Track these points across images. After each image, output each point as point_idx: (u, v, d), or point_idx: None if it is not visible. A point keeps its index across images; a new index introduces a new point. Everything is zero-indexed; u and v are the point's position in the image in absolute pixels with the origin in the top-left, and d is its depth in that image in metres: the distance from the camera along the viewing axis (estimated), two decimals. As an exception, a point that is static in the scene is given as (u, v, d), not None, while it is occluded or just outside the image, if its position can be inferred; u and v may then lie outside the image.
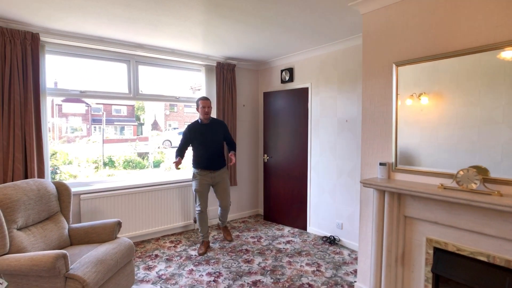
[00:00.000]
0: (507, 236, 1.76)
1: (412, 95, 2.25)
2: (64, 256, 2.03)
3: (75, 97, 3.63)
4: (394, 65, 2.34)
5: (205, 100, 3.55)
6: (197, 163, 3.58)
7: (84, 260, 2.22)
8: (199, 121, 3.60)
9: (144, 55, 3.93)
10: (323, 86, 4.00)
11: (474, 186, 1.85)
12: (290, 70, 4.43)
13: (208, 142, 3.54)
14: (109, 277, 2.32)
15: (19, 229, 2.32)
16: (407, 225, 2.29)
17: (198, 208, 3.59)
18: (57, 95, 3.52)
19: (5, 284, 2.06)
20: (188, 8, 2.65)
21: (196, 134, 3.54)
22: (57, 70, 3.58)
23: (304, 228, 4.31)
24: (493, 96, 1.85)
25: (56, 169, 4.40)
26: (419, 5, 2.22)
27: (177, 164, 3.39)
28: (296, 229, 4.36)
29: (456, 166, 2.00)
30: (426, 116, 2.17)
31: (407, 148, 2.30)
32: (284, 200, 4.53)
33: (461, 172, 1.92)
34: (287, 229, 4.36)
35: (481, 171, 1.89)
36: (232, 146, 3.77)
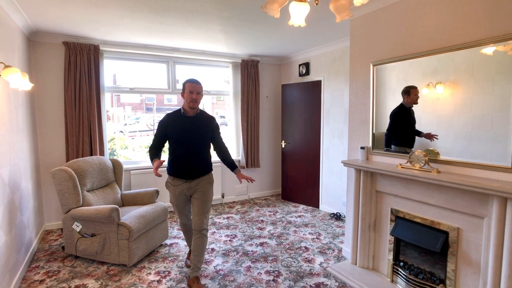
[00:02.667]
0: (442, 205, 2.18)
1: (428, 84, 2.31)
2: (117, 209, 2.88)
3: (126, 93, 4.54)
4: (371, 65, 2.78)
5: (193, 83, 2.59)
6: (171, 168, 2.67)
7: (131, 214, 3.07)
8: (182, 111, 2.64)
9: (180, 56, 4.70)
10: (333, 79, 4.44)
11: (418, 166, 2.28)
12: (307, 65, 4.90)
13: (190, 141, 2.61)
14: (148, 228, 3.15)
15: (88, 191, 3.24)
16: (378, 198, 2.76)
17: (179, 221, 2.89)
18: (113, 92, 4.45)
19: (80, 226, 2.98)
20: (207, 22, 3.31)
21: (175, 128, 2.61)
22: (114, 70, 4.53)
23: (317, 206, 4.85)
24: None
25: (114, 151, 5.43)
26: (389, 14, 2.63)
27: (156, 168, 2.46)
28: (310, 207, 4.91)
29: (470, 153, 2.07)
30: (442, 105, 2.21)
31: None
32: (300, 181, 5.10)
33: (414, 154, 2.35)
34: (301, 207, 4.94)
35: (431, 153, 2.31)
36: (225, 153, 2.82)
